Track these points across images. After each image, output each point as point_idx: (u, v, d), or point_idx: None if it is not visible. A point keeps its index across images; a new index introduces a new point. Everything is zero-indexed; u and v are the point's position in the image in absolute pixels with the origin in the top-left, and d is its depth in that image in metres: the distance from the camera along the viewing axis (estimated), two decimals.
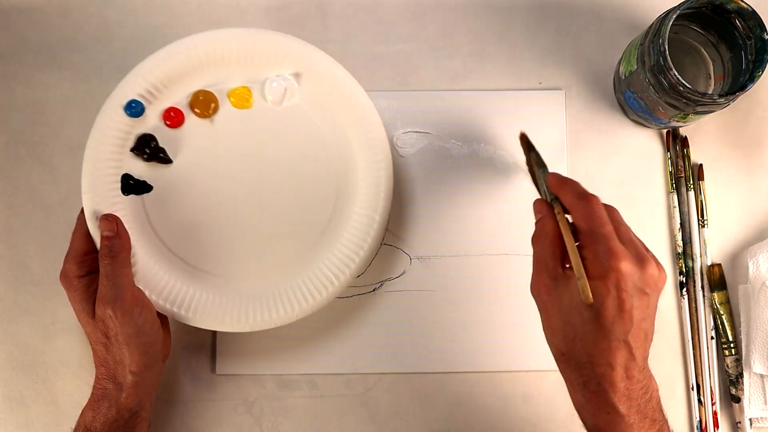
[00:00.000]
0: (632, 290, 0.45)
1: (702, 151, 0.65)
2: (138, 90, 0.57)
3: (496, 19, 0.66)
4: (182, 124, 0.59)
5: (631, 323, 0.45)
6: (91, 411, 0.55)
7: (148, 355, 0.55)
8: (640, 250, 0.47)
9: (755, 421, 0.63)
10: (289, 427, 0.64)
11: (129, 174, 0.59)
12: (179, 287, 0.58)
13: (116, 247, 0.55)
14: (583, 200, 0.48)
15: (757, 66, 0.56)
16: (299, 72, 0.60)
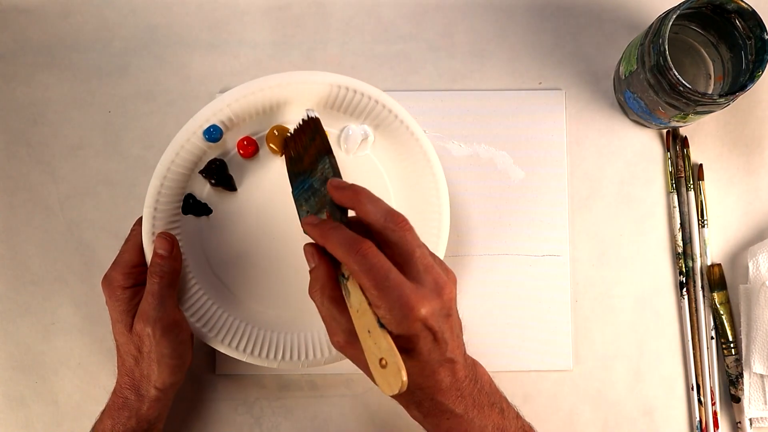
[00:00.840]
0: (438, 322, 0.44)
1: (702, 151, 0.65)
2: (221, 117, 0.57)
3: (496, 19, 0.66)
4: (254, 155, 0.59)
5: (446, 343, 0.45)
6: (111, 419, 0.55)
7: (175, 376, 0.56)
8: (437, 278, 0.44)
9: (755, 421, 0.63)
10: (289, 427, 0.64)
11: (192, 194, 0.58)
12: (214, 312, 0.58)
13: (167, 268, 0.55)
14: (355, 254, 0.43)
15: (757, 66, 0.56)
16: (378, 124, 0.59)
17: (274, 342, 0.58)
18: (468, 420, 0.48)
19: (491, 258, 0.64)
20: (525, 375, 0.64)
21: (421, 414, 0.48)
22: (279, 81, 0.57)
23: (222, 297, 0.59)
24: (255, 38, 0.66)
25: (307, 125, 0.54)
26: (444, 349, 0.45)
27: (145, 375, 0.55)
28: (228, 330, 0.58)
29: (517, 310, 0.63)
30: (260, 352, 0.58)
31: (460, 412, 0.47)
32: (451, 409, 0.47)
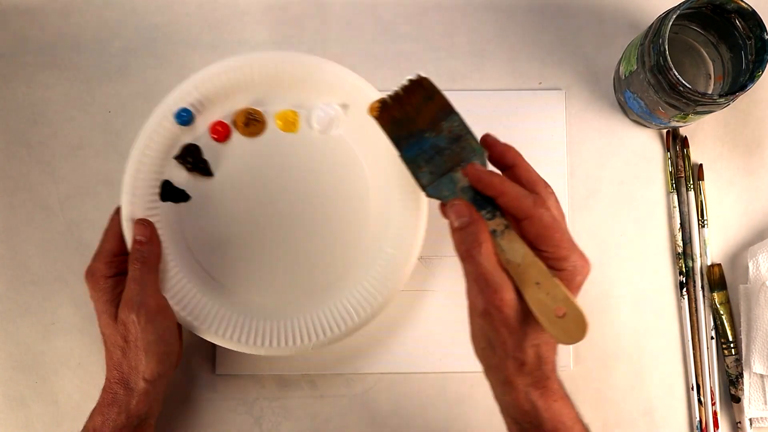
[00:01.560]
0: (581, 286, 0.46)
1: (702, 151, 0.65)
2: (190, 99, 0.57)
3: (496, 19, 0.66)
4: (228, 138, 0.59)
5: None
6: (101, 416, 0.55)
7: (163, 364, 0.55)
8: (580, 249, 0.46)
9: (755, 421, 0.63)
10: (289, 427, 0.64)
11: (169, 181, 0.59)
12: (198, 298, 0.58)
13: (147, 253, 0.55)
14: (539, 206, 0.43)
15: (757, 66, 0.56)
16: (347, 103, 0.59)
17: (260, 329, 0.58)
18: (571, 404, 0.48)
19: None
20: None
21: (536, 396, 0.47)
22: (243, 61, 0.58)
23: (204, 284, 0.59)
24: (255, 38, 0.66)
25: (418, 85, 0.49)
26: None
27: (133, 366, 0.54)
28: (212, 317, 0.58)
29: None
30: (246, 338, 0.58)
31: (564, 394, 0.48)
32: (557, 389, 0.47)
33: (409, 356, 0.64)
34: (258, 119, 0.59)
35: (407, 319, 0.64)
